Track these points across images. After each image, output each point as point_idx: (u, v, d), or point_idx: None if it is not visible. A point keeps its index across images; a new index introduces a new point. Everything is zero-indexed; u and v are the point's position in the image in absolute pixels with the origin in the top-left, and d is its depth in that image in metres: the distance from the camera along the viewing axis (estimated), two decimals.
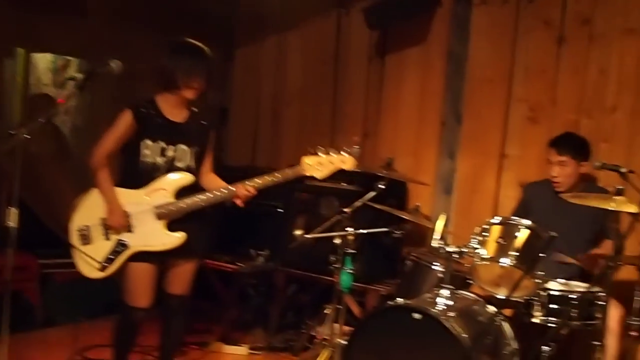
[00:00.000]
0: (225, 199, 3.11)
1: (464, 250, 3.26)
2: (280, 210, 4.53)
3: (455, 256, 3.27)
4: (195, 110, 3.21)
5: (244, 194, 3.06)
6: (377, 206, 3.74)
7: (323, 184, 4.31)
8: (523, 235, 3.17)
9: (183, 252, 3.12)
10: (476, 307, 3.30)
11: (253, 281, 4.57)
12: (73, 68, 4.72)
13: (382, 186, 3.66)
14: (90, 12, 4.66)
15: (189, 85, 3.05)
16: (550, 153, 3.67)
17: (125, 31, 4.63)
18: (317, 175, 3.07)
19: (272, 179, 3.09)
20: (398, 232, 3.97)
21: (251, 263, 4.36)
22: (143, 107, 3.08)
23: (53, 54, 4.63)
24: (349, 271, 3.53)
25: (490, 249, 3.20)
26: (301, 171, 3.07)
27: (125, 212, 3.06)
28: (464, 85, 4.52)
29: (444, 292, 3.20)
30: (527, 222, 3.20)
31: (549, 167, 3.68)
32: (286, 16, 5.37)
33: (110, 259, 3.06)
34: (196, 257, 3.25)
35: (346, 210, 3.56)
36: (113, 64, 2.86)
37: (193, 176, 3.15)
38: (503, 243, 3.18)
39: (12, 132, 2.54)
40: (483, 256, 3.19)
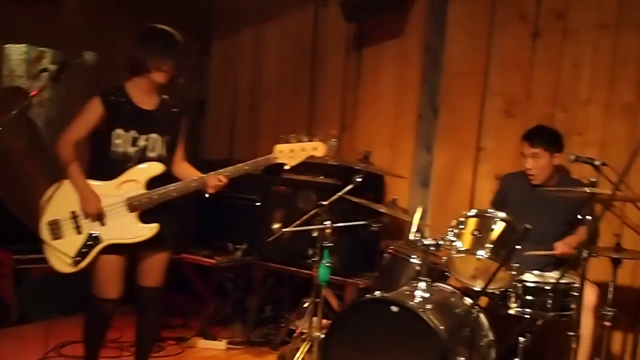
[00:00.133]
0: (197, 188, 3.09)
1: (441, 242, 3.29)
2: (258, 203, 4.53)
3: (432, 249, 3.30)
4: (166, 97, 3.19)
5: (216, 184, 3.05)
6: (355, 199, 3.76)
7: (300, 178, 4.35)
8: (499, 227, 3.21)
9: (154, 243, 3.09)
10: (453, 300, 3.33)
11: (231, 275, 4.56)
12: (48, 59, 4.66)
13: (359, 179, 3.67)
14: (65, 2, 4.59)
15: (160, 68, 3.03)
16: (523, 146, 3.72)
17: (100, 22, 4.57)
18: (289, 162, 3.05)
19: (244, 167, 3.07)
20: (376, 225, 4.00)
21: (229, 257, 4.35)
22: (112, 95, 3.05)
23: (27, 45, 4.56)
24: (327, 264, 3.54)
25: (466, 242, 3.24)
26: (273, 159, 3.06)
27: (98, 197, 3.01)
28: (441, 78, 4.55)
29: (422, 285, 3.22)
30: (502, 215, 3.24)
31: (524, 160, 3.72)
32: (263, 8, 5.35)
33: (82, 253, 3.02)
34: (168, 248, 3.21)
35: (324, 203, 3.56)
36: (87, 56, 2.85)
37: (164, 166, 3.12)
38: (479, 235, 3.21)
39: None
40: (459, 249, 3.23)
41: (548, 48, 4.14)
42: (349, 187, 3.66)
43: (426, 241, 3.29)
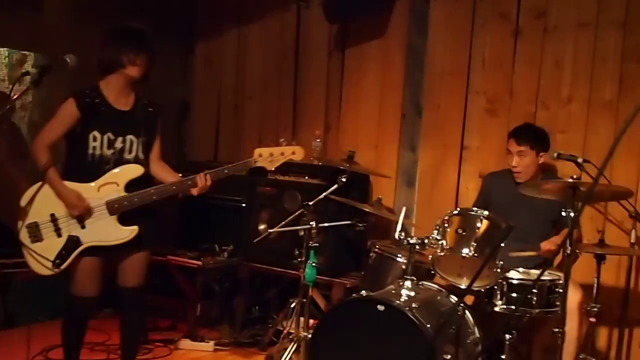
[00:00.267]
0: (177, 192, 3.11)
1: (426, 241, 3.31)
2: (243, 205, 4.52)
3: (417, 248, 3.31)
4: (140, 96, 3.19)
5: (203, 185, 3.06)
6: (340, 199, 3.77)
7: (286, 178, 4.35)
8: (483, 225, 3.23)
9: (133, 244, 3.10)
10: (439, 298, 3.35)
11: (217, 277, 4.56)
12: (29, 62, 4.63)
13: (344, 179, 3.68)
14: (46, 6, 4.56)
15: (134, 62, 3.05)
16: (509, 143, 3.74)
17: (82, 25, 4.55)
18: (268, 166, 3.11)
19: (224, 171, 3.10)
20: (361, 225, 4.01)
21: (215, 258, 4.34)
22: (87, 96, 3.05)
23: (8, 49, 4.52)
24: (314, 264, 3.55)
25: (451, 240, 3.26)
26: (252, 163, 3.09)
27: (80, 195, 3.00)
28: (424, 78, 4.57)
29: (408, 284, 3.24)
30: (486, 213, 3.26)
31: (509, 158, 3.74)
32: (246, 9, 5.35)
33: (62, 255, 3.01)
34: (147, 248, 3.21)
35: (309, 203, 3.57)
36: (68, 59, 2.86)
37: (143, 168, 3.13)
38: (463, 234, 3.23)
39: None
40: (444, 247, 3.25)
41: (529, 47, 4.18)
42: (334, 187, 3.67)
43: (412, 240, 3.31)
